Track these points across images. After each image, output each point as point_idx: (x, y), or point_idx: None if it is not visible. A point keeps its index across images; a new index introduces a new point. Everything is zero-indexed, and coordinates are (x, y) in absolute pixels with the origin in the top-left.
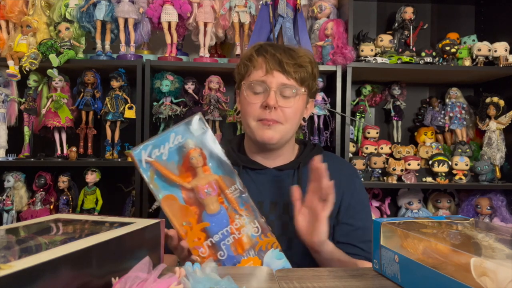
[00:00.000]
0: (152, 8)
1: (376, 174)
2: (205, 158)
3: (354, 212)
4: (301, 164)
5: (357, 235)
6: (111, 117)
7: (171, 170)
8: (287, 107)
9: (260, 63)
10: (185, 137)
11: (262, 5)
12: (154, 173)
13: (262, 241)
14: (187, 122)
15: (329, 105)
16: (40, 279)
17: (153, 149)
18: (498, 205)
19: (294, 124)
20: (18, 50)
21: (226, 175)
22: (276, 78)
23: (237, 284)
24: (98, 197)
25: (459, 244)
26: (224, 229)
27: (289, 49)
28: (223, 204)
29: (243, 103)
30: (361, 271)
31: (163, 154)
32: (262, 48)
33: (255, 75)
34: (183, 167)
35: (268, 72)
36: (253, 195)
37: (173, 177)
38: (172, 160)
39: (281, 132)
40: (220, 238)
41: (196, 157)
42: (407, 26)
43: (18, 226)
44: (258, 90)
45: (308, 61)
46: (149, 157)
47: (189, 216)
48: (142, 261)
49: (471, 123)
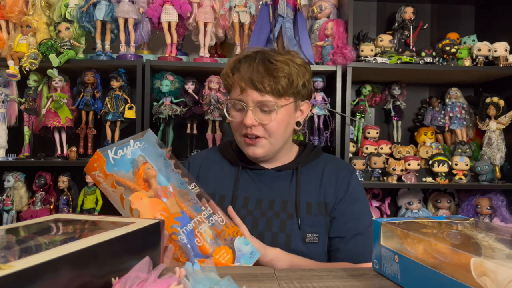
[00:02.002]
0: (152, 8)
1: (376, 174)
2: (156, 173)
3: (345, 204)
4: (300, 164)
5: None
6: (111, 117)
7: (128, 178)
8: (267, 123)
9: (236, 81)
10: (142, 144)
11: (262, 5)
12: (114, 181)
13: (228, 229)
14: (140, 137)
15: (329, 105)
16: (40, 279)
17: (117, 149)
18: (498, 205)
19: (280, 136)
20: (18, 50)
21: (178, 188)
22: (250, 96)
23: (237, 284)
24: (98, 197)
25: (459, 244)
26: (191, 222)
27: (268, 60)
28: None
29: (230, 119)
30: (361, 271)
31: (127, 154)
32: (238, 64)
33: (233, 93)
34: (138, 179)
35: (242, 91)
36: (252, 193)
37: (133, 185)
38: (130, 170)
39: (265, 146)
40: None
41: (151, 168)
42: (407, 26)
43: (18, 226)
44: (238, 107)
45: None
46: (115, 155)
47: (161, 206)
48: (142, 261)
49: (471, 123)
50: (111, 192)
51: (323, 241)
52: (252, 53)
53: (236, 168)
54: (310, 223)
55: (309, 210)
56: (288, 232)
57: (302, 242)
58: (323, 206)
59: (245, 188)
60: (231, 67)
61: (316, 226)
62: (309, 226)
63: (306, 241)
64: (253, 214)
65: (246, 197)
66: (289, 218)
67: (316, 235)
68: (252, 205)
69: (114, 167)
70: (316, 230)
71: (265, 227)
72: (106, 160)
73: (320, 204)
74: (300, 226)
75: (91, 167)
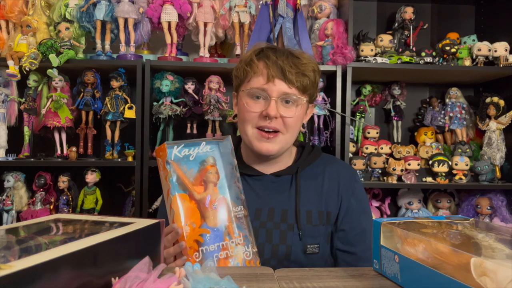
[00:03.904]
0: (152, 8)
1: (376, 174)
2: (219, 179)
3: (352, 217)
4: (299, 169)
5: (356, 241)
6: (111, 117)
7: (188, 176)
8: (288, 117)
9: (261, 69)
10: (213, 149)
11: (262, 5)
12: (172, 173)
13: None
14: (220, 140)
15: (329, 105)
16: (40, 279)
17: (184, 148)
18: (498, 205)
19: (295, 133)
20: (18, 50)
21: (232, 200)
22: (277, 86)
23: (237, 284)
24: (98, 197)
25: (459, 244)
26: (219, 243)
27: (292, 54)
28: (229, 222)
29: (242, 109)
30: (361, 271)
31: (191, 156)
32: (264, 53)
33: (255, 81)
34: (199, 178)
35: (269, 80)
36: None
37: (187, 182)
38: (192, 168)
39: (281, 142)
40: (214, 250)
41: (213, 173)
42: (407, 26)
43: (18, 226)
44: (258, 97)
45: (312, 69)
46: (178, 153)
47: (195, 218)
48: (142, 261)
49: (471, 123)
50: (163, 183)
51: (323, 251)
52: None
53: None
54: (311, 233)
55: (309, 220)
56: (289, 243)
57: (303, 253)
58: (325, 215)
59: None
60: (255, 53)
61: (317, 236)
62: (310, 237)
63: (307, 252)
64: (252, 225)
65: None
66: (289, 229)
67: (317, 245)
68: (251, 215)
69: (177, 161)
70: (317, 240)
71: (265, 239)
72: (168, 154)
73: (321, 213)
74: (301, 238)
75: (157, 153)
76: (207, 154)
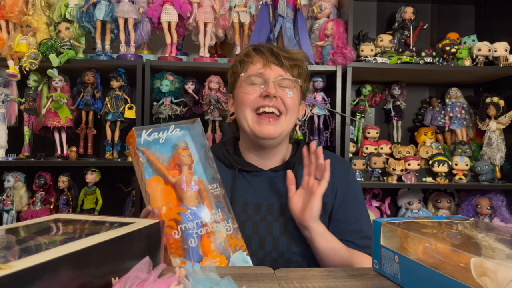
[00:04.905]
0: (152, 8)
1: (376, 174)
2: (192, 161)
3: (347, 207)
4: (296, 164)
5: (351, 230)
6: (111, 117)
7: (161, 161)
8: (287, 97)
9: (258, 58)
10: (184, 134)
11: (262, 5)
12: (143, 158)
13: (232, 240)
14: (189, 125)
15: (329, 105)
16: (40, 279)
17: (153, 132)
18: (498, 205)
19: (294, 116)
20: (18, 50)
21: (208, 180)
22: (274, 70)
23: (237, 284)
24: (98, 197)
25: (459, 244)
26: (199, 220)
27: (284, 48)
28: (204, 200)
29: (240, 95)
30: (361, 271)
31: (161, 139)
32: (259, 46)
33: (252, 68)
34: (172, 162)
35: (265, 65)
36: (251, 197)
37: (160, 167)
38: (165, 152)
39: (281, 126)
40: (193, 227)
41: (186, 156)
42: (407, 26)
43: (18, 226)
44: (256, 82)
45: (302, 59)
46: (147, 137)
47: (171, 198)
48: (142, 261)
49: (471, 123)
50: (136, 169)
51: None
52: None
53: (232, 171)
54: None
55: None
56: (289, 235)
57: (303, 244)
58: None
59: (243, 193)
60: (252, 47)
61: None
62: None
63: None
64: (253, 219)
65: (245, 202)
66: (289, 221)
67: None
68: (251, 210)
69: (148, 147)
70: None
71: (265, 232)
72: (137, 139)
73: None
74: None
75: (128, 140)
76: (178, 139)
